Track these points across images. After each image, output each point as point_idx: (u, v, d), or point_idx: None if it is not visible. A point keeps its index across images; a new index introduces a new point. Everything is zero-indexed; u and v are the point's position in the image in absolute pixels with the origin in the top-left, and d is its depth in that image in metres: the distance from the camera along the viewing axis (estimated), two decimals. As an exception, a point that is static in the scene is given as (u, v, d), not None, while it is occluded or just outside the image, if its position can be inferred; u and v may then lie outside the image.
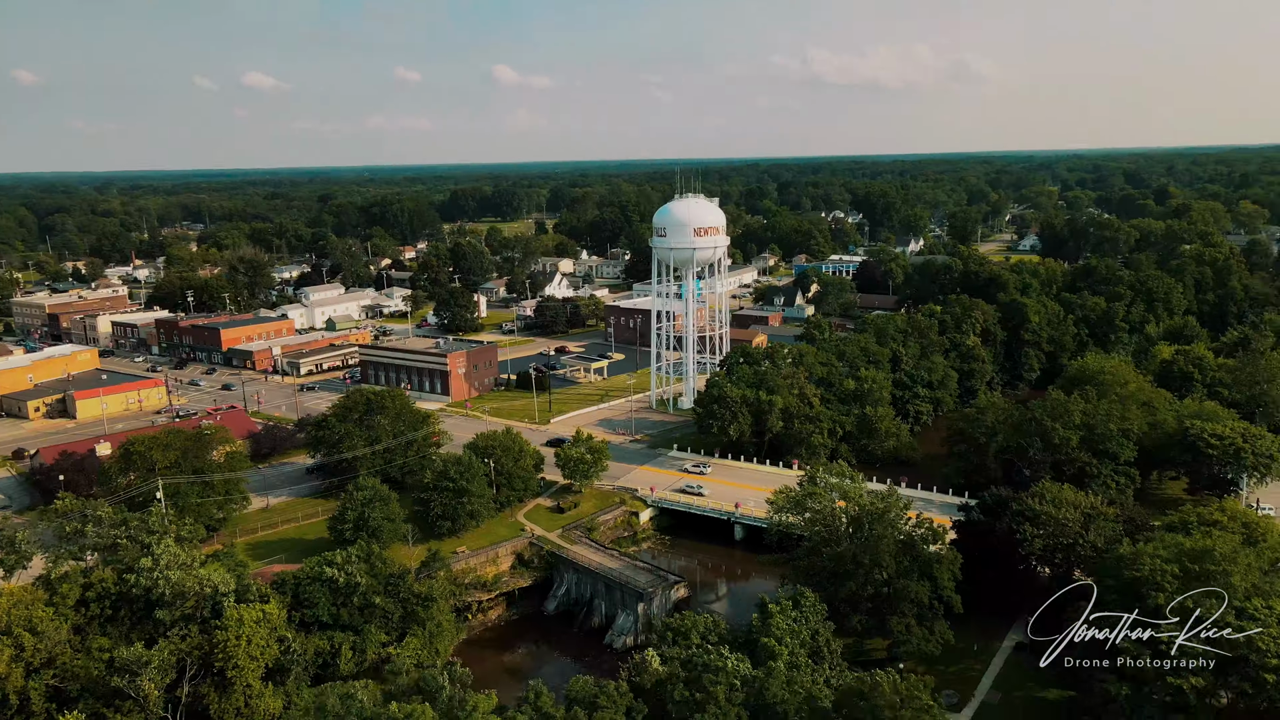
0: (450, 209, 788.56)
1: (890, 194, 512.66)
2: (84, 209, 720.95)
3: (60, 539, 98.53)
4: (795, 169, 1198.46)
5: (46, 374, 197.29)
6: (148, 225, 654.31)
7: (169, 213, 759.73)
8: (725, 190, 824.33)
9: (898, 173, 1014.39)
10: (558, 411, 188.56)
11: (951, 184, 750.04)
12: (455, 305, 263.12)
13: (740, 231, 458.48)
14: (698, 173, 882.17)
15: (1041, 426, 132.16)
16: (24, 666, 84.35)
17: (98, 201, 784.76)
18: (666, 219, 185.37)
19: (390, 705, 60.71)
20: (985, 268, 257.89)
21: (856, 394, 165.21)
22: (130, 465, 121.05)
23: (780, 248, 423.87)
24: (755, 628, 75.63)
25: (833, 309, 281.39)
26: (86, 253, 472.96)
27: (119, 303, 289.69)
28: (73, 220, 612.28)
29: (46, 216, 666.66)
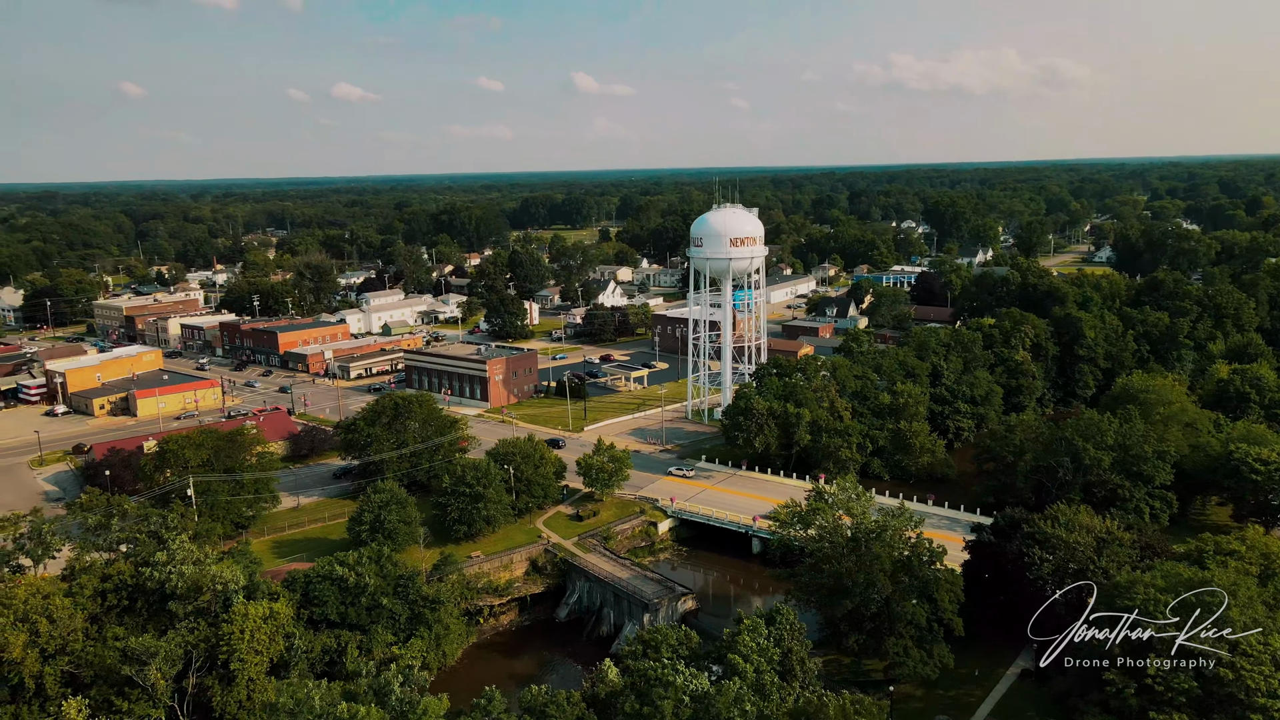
0: (521, 216, 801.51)
1: (960, 204, 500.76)
2: (177, 216, 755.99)
3: (85, 532, 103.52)
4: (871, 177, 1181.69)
5: (114, 373, 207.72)
6: (233, 231, 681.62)
7: (255, 219, 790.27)
8: (797, 199, 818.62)
9: (978, 181, 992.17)
10: (592, 419, 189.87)
11: (1031, 193, 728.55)
12: (505, 312, 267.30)
13: (803, 241, 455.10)
14: (771, 180, 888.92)
15: (1072, 446, 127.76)
16: (39, 652, 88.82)
17: (190, 208, 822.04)
18: (703, 229, 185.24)
19: (340, 705, 62.28)
20: (1044, 280, 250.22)
21: (892, 408, 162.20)
22: (164, 463, 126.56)
23: (842, 258, 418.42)
24: (724, 644, 75.12)
25: (886, 321, 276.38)
26: (173, 258, 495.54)
27: (191, 306, 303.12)
28: (164, 226, 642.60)
29: (142, 223, 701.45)
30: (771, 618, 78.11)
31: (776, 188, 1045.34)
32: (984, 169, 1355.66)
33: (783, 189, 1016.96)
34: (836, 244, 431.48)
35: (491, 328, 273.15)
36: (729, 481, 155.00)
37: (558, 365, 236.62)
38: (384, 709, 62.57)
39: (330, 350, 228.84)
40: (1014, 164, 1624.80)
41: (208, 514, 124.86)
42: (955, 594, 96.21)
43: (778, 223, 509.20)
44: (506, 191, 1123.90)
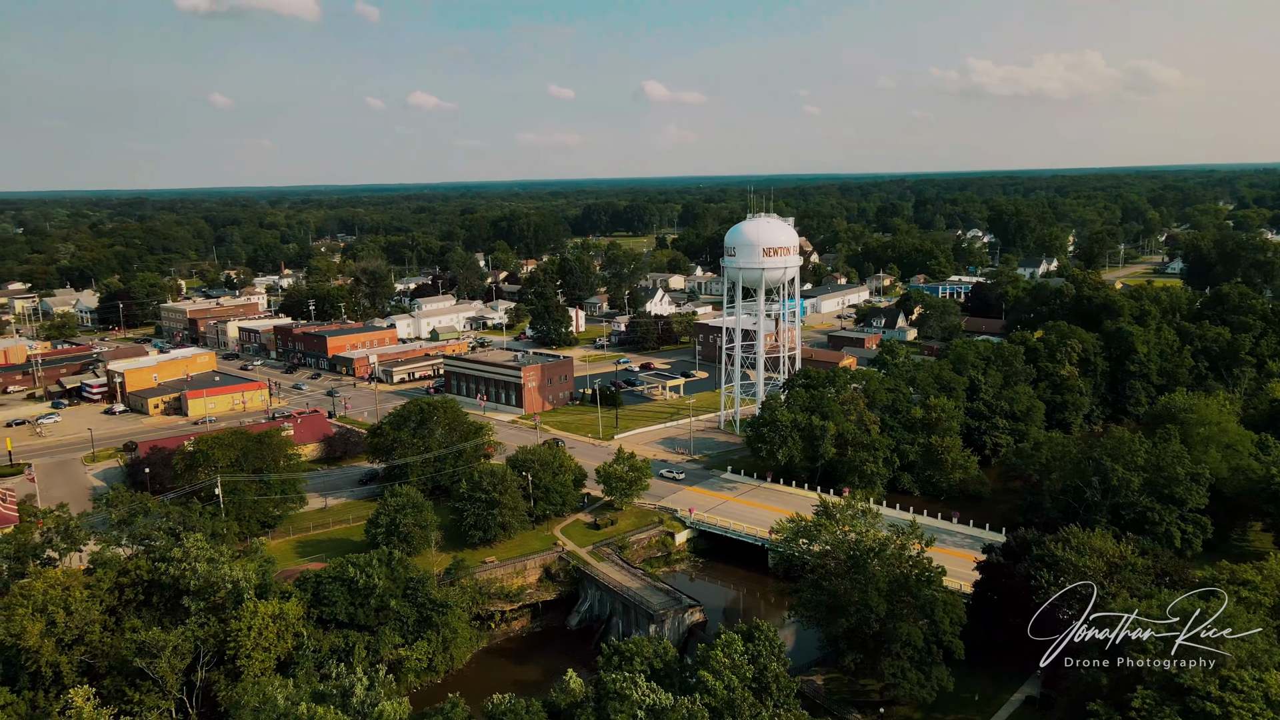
0: (583, 223, 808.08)
1: (1025, 212, 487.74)
2: (253, 221, 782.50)
3: (108, 528, 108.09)
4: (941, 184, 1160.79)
5: (169, 374, 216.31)
6: (304, 237, 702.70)
7: (326, 225, 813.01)
8: (862, 206, 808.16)
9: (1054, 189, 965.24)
10: (624, 428, 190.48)
11: (1106, 200, 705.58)
12: (549, 319, 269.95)
13: (859, 250, 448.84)
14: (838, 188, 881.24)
15: (1100, 466, 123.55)
16: (55, 641, 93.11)
17: (266, 214, 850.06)
18: (736, 238, 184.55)
19: (300, 705, 63.91)
20: (1100, 292, 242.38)
21: (924, 422, 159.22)
22: (195, 462, 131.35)
23: (899, 267, 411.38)
24: (699, 659, 74.76)
25: (934, 333, 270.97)
26: (244, 262, 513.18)
27: (251, 310, 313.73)
28: (240, 232, 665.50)
29: (220, 228, 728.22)
30: (750, 634, 77.42)
31: (843, 195, 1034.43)
32: (1062, 176, 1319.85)
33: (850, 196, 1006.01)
34: (893, 253, 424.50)
35: (536, 334, 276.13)
36: (752, 494, 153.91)
37: (597, 373, 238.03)
38: (345, 711, 63.95)
39: (375, 355, 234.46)
40: (1094, 170, 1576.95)
41: (235, 513, 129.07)
42: (956, 615, 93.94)
43: (836, 231, 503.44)
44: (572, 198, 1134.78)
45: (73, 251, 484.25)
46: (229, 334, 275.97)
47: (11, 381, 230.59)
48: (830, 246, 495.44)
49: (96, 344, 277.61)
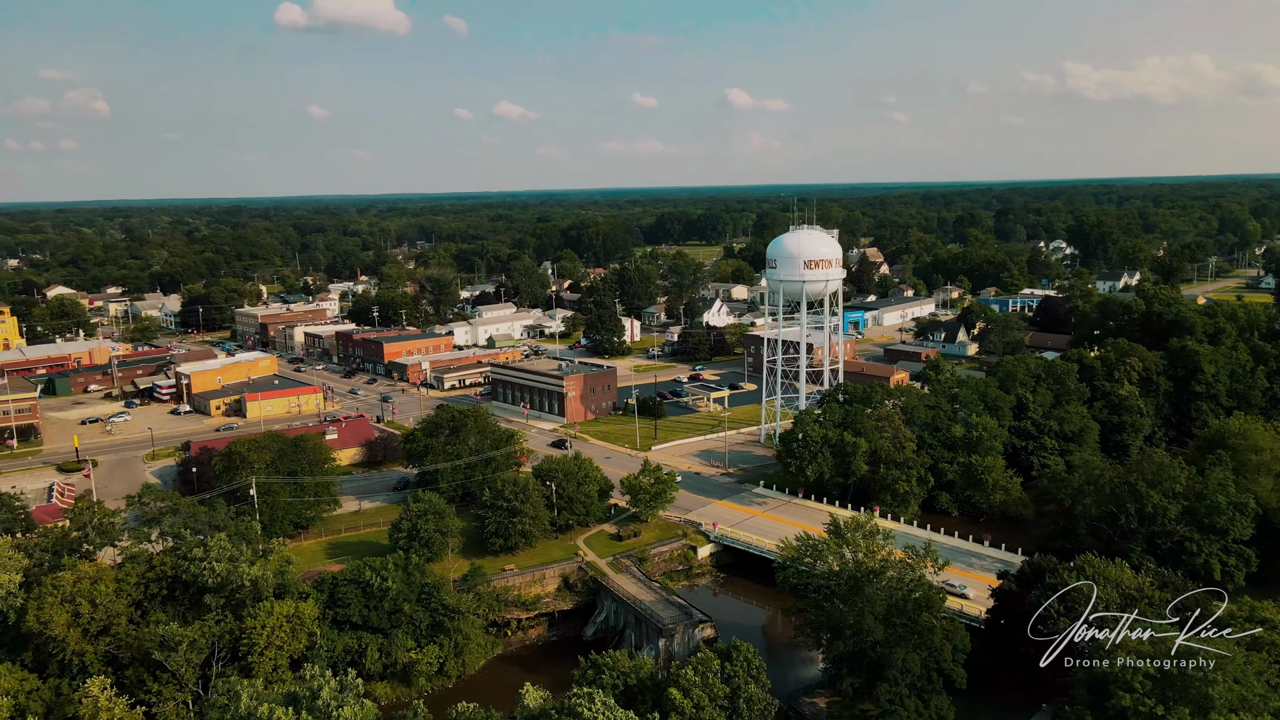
0: (656, 232, 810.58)
1: (1107, 223, 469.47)
2: (337, 229, 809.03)
3: (139, 525, 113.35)
4: (1030, 193, 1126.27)
5: (232, 377, 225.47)
6: (384, 244, 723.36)
7: (407, 233, 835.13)
8: (942, 216, 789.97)
9: (1150, 198, 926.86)
10: (663, 439, 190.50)
11: (1203, 211, 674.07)
12: (603, 329, 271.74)
13: (929, 261, 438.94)
14: (921, 196, 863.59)
15: (1135, 492, 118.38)
16: (81, 631, 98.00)
17: (351, 222, 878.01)
18: (778, 250, 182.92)
19: (262, 706, 65.95)
20: (1172, 308, 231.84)
21: (965, 441, 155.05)
22: (232, 464, 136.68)
23: (970, 279, 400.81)
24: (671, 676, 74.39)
25: (996, 348, 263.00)
26: (323, 269, 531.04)
27: (319, 315, 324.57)
28: (323, 239, 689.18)
29: (306, 235, 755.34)
30: (728, 653, 76.70)
31: (925, 204, 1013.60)
32: (1161, 184, 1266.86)
33: (931, 206, 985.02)
34: (964, 265, 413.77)
35: (590, 344, 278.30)
36: (782, 509, 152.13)
37: (646, 383, 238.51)
38: (311, 713, 65.78)
39: (427, 361, 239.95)
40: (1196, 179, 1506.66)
41: (268, 513, 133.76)
42: (958, 643, 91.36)
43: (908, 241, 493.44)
44: (650, 206, 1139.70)
45: (165, 257, 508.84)
46: (296, 339, 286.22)
47: (93, 381, 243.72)
48: (897, 259, 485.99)
49: (174, 346, 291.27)
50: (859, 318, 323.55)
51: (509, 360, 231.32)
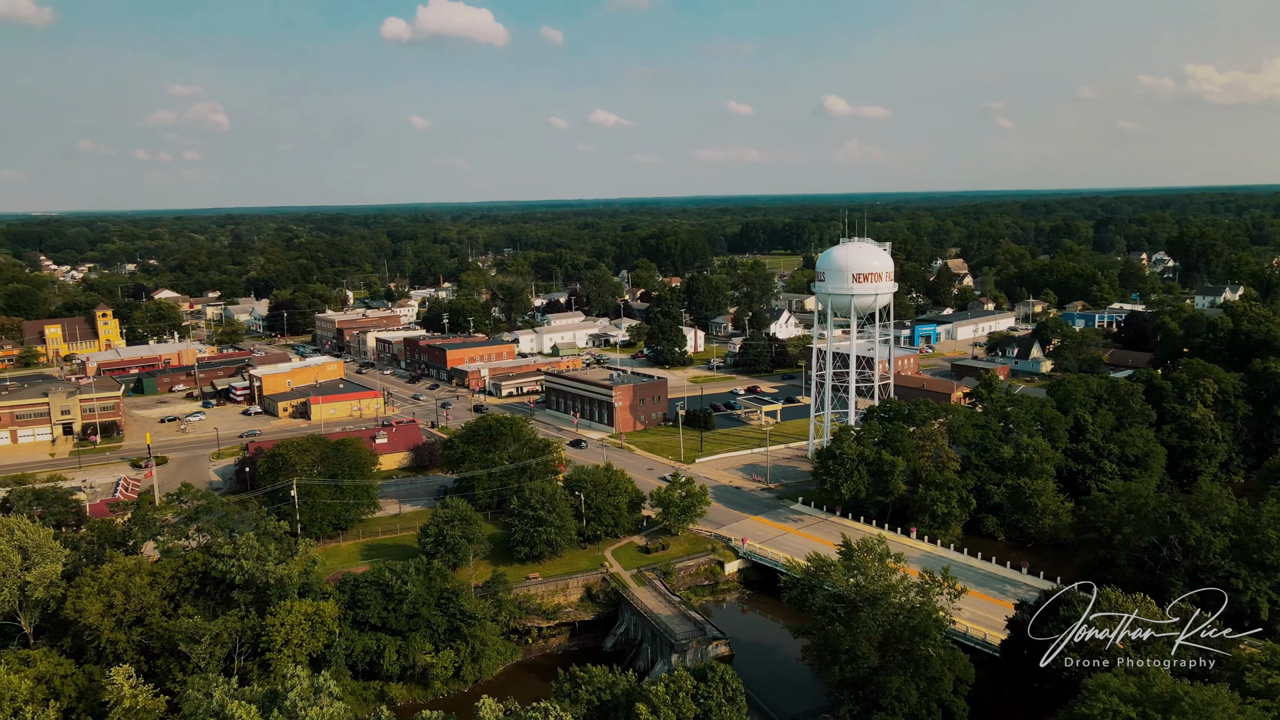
0: (740, 241, 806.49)
1: (1210, 234, 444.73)
2: (428, 236, 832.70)
3: (177, 521, 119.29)
4: (1139, 202, 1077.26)
5: (301, 380, 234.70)
6: (471, 251, 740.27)
7: (494, 240, 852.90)
8: (1039, 225, 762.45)
9: (1273, 207, 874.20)
10: (709, 452, 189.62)
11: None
12: (664, 339, 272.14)
13: (1014, 273, 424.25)
14: (1021, 205, 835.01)
15: (1179, 523, 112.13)
16: (115, 621, 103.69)
17: (442, 230, 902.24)
18: (826, 263, 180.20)
19: (230, 704, 68.60)
20: (1262, 326, 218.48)
21: (1015, 462, 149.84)
22: (275, 465, 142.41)
23: (1056, 292, 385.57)
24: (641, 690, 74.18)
25: (1070, 365, 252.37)
26: (409, 275, 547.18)
27: (392, 321, 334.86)
28: (413, 246, 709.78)
29: (398, 242, 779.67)
30: (703, 674, 76.10)
31: (1025, 213, 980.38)
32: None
33: (1030, 215, 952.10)
34: (1051, 277, 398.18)
35: (652, 354, 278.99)
36: (817, 527, 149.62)
37: (703, 394, 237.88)
38: (282, 712, 68.19)
39: (487, 368, 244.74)
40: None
41: (307, 514, 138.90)
42: (960, 673, 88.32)
43: (994, 252, 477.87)
44: (739, 214, 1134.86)
45: (262, 263, 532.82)
46: (368, 343, 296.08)
47: (177, 381, 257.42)
48: (978, 270, 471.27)
49: (255, 349, 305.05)
50: (930, 331, 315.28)
51: (563, 369, 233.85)
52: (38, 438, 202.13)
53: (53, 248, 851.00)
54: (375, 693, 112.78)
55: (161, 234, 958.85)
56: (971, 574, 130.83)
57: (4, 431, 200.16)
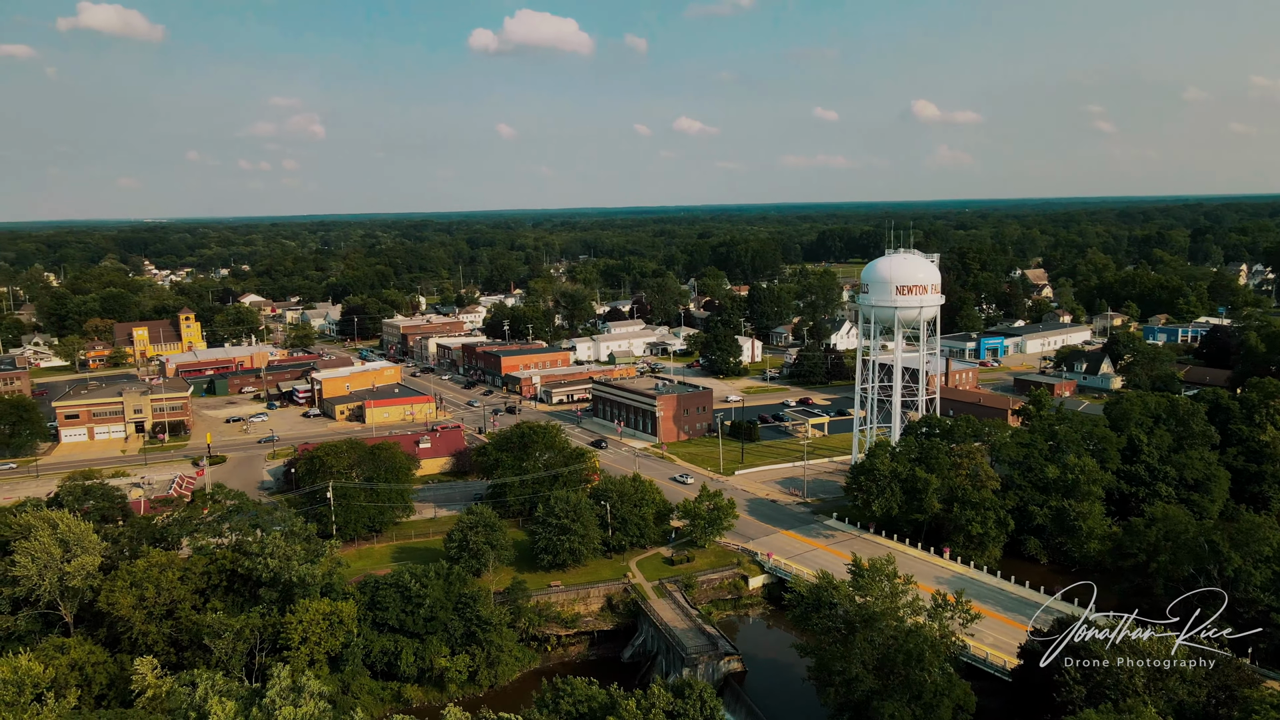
0: (816, 249, 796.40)
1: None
2: (506, 243, 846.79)
3: (212, 520, 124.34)
4: (1245, 209, 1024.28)
5: (360, 384, 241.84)
6: (546, 259, 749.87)
7: (570, 247, 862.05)
8: (1132, 234, 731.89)
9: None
10: (750, 464, 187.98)
11: None
12: (718, 348, 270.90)
13: (1094, 284, 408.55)
14: (1117, 213, 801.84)
15: (1216, 552, 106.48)
16: (146, 613, 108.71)
17: (519, 236, 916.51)
18: (870, 275, 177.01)
19: (211, 699, 71.17)
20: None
21: (1060, 483, 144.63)
22: (313, 467, 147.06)
23: (1138, 305, 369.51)
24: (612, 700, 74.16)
25: (1141, 381, 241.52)
26: (481, 282, 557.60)
27: (456, 327, 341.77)
28: (489, 253, 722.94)
29: (477, 249, 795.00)
30: (680, 690, 75.71)
31: (1120, 221, 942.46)
32: None
33: (1127, 222, 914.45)
34: (1134, 289, 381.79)
35: (706, 363, 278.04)
36: (848, 544, 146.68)
37: (751, 405, 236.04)
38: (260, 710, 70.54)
39: (538, 375, 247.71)
40: None
41: (342, 516, 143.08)
42: (960, 701, 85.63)
43: (1073, 264, 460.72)
44: (819, 222, 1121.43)
45: (342, 269, 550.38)
46: (430, 349, 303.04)
47: (247, 383, 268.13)
48: (1055, 281, 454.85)
49: (323, 353, 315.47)
50: (998, 344, 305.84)
51: (613, 377, 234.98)
52: (112, 435, 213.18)
53: (156, 253, 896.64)
54: (392, 693, 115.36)
55: (255, 240, 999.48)
56: (1003, 598, 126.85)
57: (82, 429, 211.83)
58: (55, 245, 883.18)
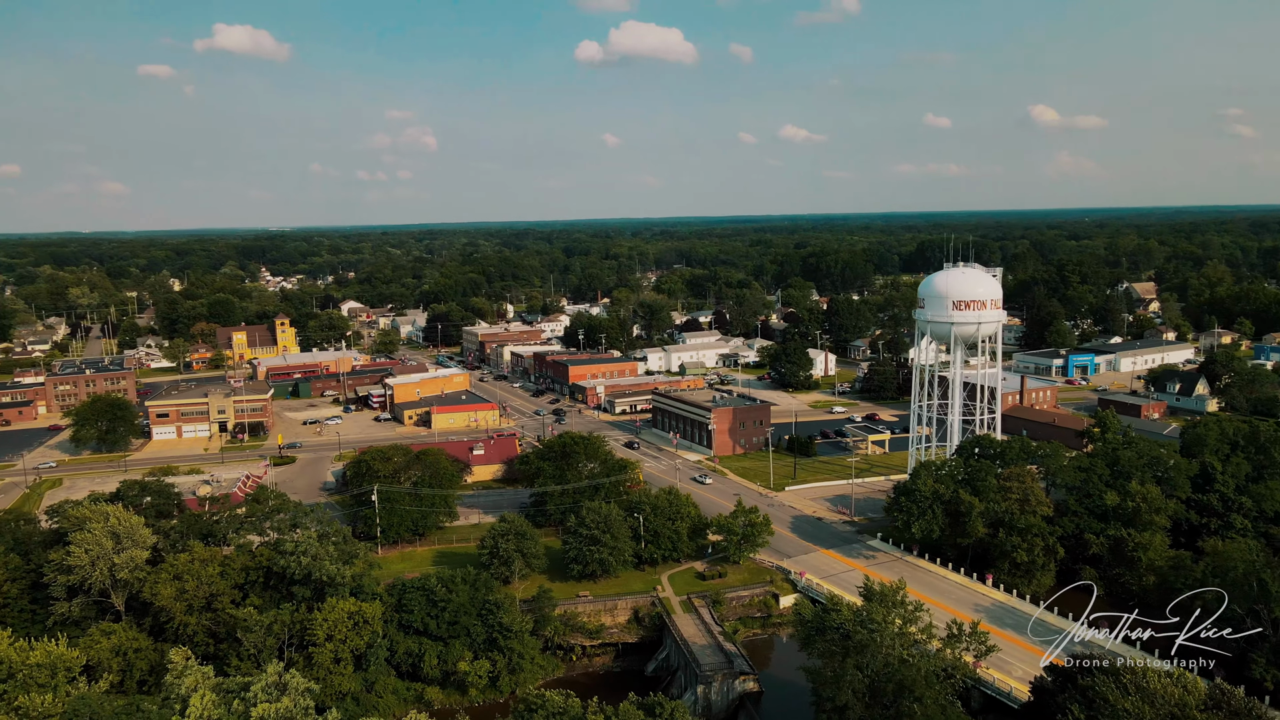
0: (915, 260, 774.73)
1: None
2: (601, 252, 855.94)
3: (254, 519, 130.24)
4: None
5: (430, 390, 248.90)
6: (639, 268, 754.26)
7: (664, 256, 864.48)
8: (1262, 246, 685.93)
9: None
10: (802, 480, 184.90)
11: None
12: (788, 361, 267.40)
13: (1205, 299, 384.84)
14: (1251, 223, 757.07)
15: (1265, 592, 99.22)
16: (186, 605, 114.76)
17: (614, 246, 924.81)
18: (926, 290, 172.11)
19: (196, 691, 74.54)
20: None
21: (1119, 511, 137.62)
22: (360, 471, 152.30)
23: (1252, 322, 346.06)
24: None
25: (1240, 404, 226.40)
26: (570, 291, 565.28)
27: (533, 336, 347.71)
28: (581, 262, 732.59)
29: (572, 258, 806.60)
30: (652, 709, 75.39)
31: (1252, 231, 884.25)
32: None
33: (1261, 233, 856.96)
34: (1249, 305, 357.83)
35: (776, 376, 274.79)
36: (888, 566, 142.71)
37: (816, 420, 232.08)
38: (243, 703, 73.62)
39: (602, 385, 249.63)
40: None
41: (387, 518, 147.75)
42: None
43: (1185, 277, 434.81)
44: (925, 231, 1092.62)
45: (436, 277, 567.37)
46: (505, 357, 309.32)
47: (328, 387, 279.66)
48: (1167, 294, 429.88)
49: (407, 359, 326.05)
50: (1088, 361, 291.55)
51: (678, 389, 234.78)
52: (198, 434, 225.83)
53: (272, 260, 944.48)
54: (415, 694, 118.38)
55: (364, 248, 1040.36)
56: (1042, 629, 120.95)
57: (171, 427, 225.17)
58: (183, 253, 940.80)
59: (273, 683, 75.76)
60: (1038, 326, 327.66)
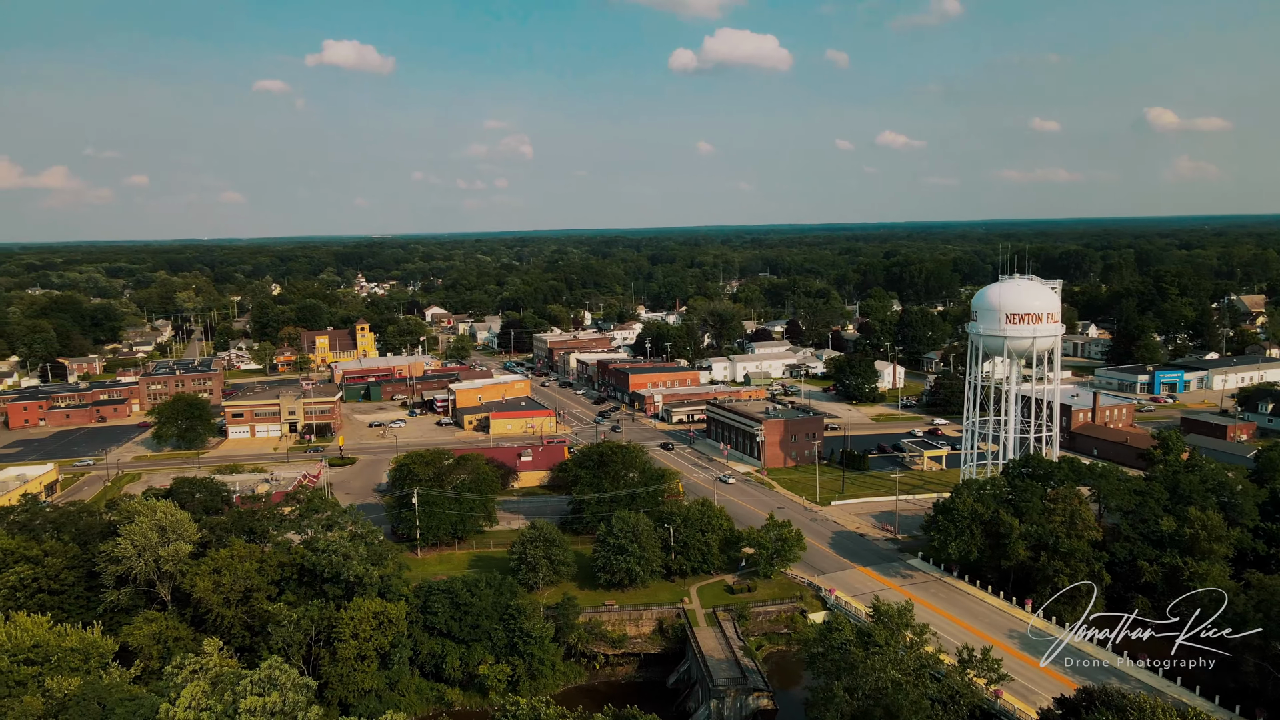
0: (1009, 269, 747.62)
1: None
2: (686, 259, 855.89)
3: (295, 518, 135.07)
4: None
5: (490, 396, 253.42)
6: (723, 276, 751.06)
7: (750, 264, 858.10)
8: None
9: None
10: (850, 495, 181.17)
11: None
12: (852, 373, 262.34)
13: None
14: None
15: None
16: (222, 598, 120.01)
17: (697, 254, 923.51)
18: (980, 302, 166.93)
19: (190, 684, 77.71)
20: None
21: (1176, 538, 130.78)
22: (401, 475, 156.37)
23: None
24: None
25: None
26: (648, 298, 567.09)
27: (602, 343, 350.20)
28: (664, 270, 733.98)
29: (656, 265, 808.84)
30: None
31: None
32: None
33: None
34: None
35: (841, 388, 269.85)
36: (925, 587, 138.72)
37: (874, 433, 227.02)
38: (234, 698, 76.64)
39: (659, 394, 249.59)
40: None
41: (426, 521, 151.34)
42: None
43: None
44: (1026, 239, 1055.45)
45: (517, 284, 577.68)
46: (571, 364, 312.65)
47: (398, 391, 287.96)
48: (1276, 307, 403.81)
49: (479, 364, 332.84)
50: (1176, 378, 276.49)
51: (723, 399, 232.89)
52: (270, 434, 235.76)
53: (368, 266, 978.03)
54: (437, 695, 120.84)
55: (455, 255, 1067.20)
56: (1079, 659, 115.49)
57: (245, 427, 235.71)
58: (286, 259, 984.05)
59: (263, 678, 78.55)
60: (1125, 340, 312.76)
